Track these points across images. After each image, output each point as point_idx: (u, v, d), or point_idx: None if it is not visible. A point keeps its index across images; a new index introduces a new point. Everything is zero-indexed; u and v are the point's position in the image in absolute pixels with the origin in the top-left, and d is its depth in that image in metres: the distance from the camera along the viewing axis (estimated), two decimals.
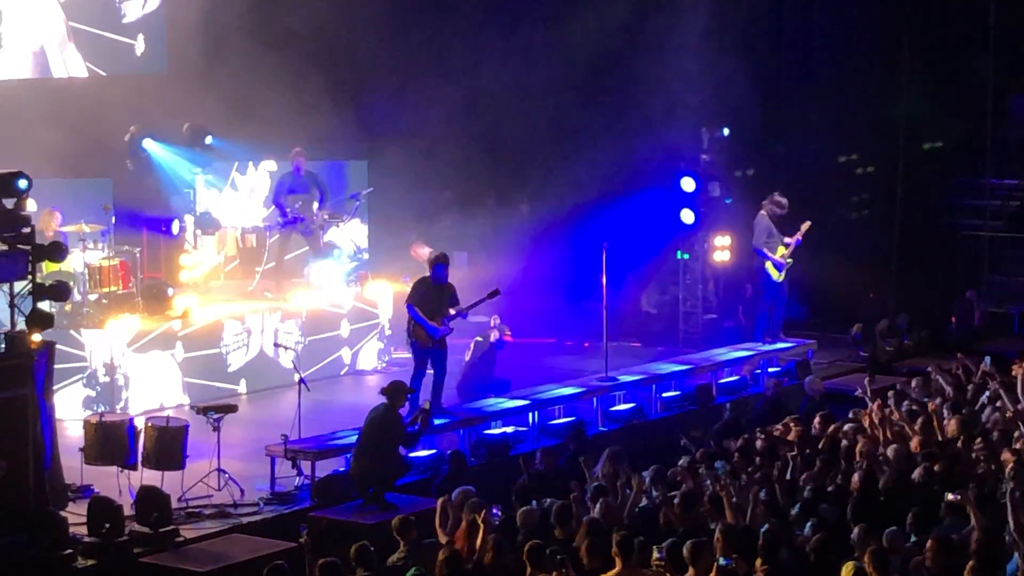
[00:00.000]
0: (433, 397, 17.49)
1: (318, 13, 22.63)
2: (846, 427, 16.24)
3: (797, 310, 23.21)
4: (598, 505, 13.33)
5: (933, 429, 15.74)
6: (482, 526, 12.53)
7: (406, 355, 18.08)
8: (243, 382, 20.32)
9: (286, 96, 21.83)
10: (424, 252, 21.39)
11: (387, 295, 22.23)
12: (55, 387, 15.62)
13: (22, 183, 14.63)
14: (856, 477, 13.62)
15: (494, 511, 13.30)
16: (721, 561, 11.25)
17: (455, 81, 24.39)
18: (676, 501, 13.31)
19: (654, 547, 11.71)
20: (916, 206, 26.16)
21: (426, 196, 24.69)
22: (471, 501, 13.43)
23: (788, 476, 14.13)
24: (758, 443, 15.65)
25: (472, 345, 19.60)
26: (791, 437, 15.91)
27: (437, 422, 17.21)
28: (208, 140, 21.69)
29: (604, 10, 23.54)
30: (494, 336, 19.51)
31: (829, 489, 13.68)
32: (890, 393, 17.11)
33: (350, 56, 24.19)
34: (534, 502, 13.90)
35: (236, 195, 23.08)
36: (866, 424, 15.98)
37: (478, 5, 24.99)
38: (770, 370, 21.23)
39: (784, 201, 21.72)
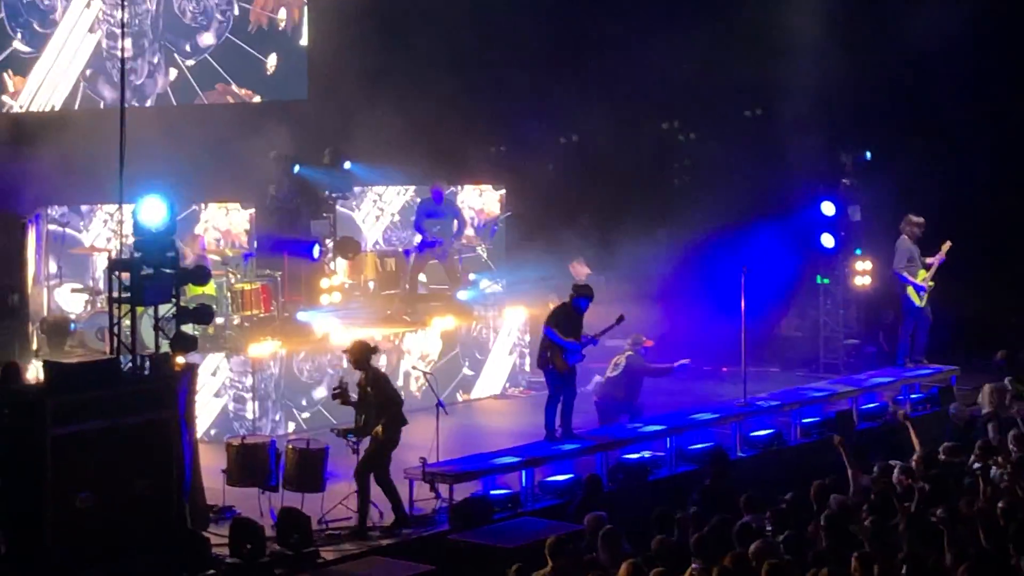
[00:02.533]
0: (564, 422, 17.50)
1: (456, 41, 22.81)
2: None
3: (940, 335, 22.84)
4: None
5: None
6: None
7: (542, 379, 18.12)
8: None
9: (424, 122, 22.00)
10: (583, 271, 21.29)
11: (524, 320, 22.26)
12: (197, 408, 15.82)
13: (162, 207, 14.85)
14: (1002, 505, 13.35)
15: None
16: None
17: (592, 107, 24.42)
18: (822, 525, 13.15)
19: None
20: None
21: (563, 221, 24.70)
22: (605, 529, 13.35)
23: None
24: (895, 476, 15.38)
25: (614, 364, 19.45)
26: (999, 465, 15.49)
27: (568, 447, 17.20)
28: (347, 165, 21.92)
29: (749, 34, 23.43)
30: (631, 350, 19.41)
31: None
32: None
33: (487, 80, 24.32)
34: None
35: (375, 219, 23.26)
36: None
37: (610, 33, 25.01)
38: (912, 396, 20.94)
39: (920, 220, 21.53)
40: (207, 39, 22.49)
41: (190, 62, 22.38)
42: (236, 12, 22.68)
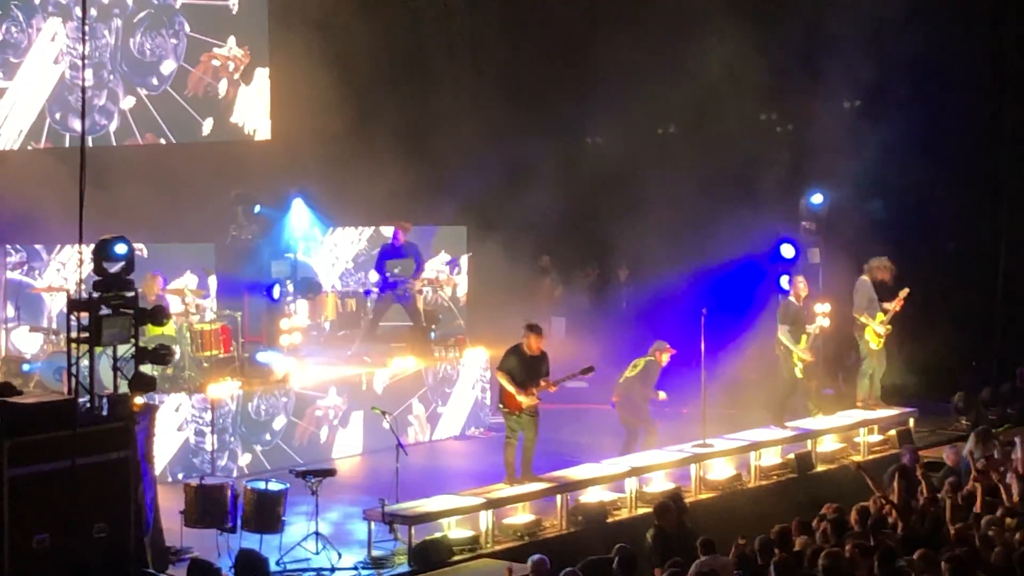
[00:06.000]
0: (524, 464, 17.41)
1: (416, 81, 22.90)
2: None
3: (898, 377, 22.92)
4: None
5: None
6: None
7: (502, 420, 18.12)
8: (342, 446, 20.40)
9: (385, 162, 22.02)
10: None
11: (485, 361, 22.26)
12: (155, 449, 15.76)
13: (121, 248, 14.82)
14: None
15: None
16: None
17: (554, 146, 24.48)
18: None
19: None
20: (1020, 272, 25.76)
21: (525, 261, 24.73)
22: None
23: None
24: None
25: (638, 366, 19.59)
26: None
27: (531, 489, 17.13)
28: (296, 203, 21.76)
29: (702, 79, 23.59)
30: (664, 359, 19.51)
31: None
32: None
33: (448, 120, 24.38)
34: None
35: (331, 265, 23.25)
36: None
37: (579, 74, 25.13)
38: (869, 438, 21.01)
39: (889, 264, 21.62)
40: (168, 66, 22.53)
41: (151, 93, 22.40)
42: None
